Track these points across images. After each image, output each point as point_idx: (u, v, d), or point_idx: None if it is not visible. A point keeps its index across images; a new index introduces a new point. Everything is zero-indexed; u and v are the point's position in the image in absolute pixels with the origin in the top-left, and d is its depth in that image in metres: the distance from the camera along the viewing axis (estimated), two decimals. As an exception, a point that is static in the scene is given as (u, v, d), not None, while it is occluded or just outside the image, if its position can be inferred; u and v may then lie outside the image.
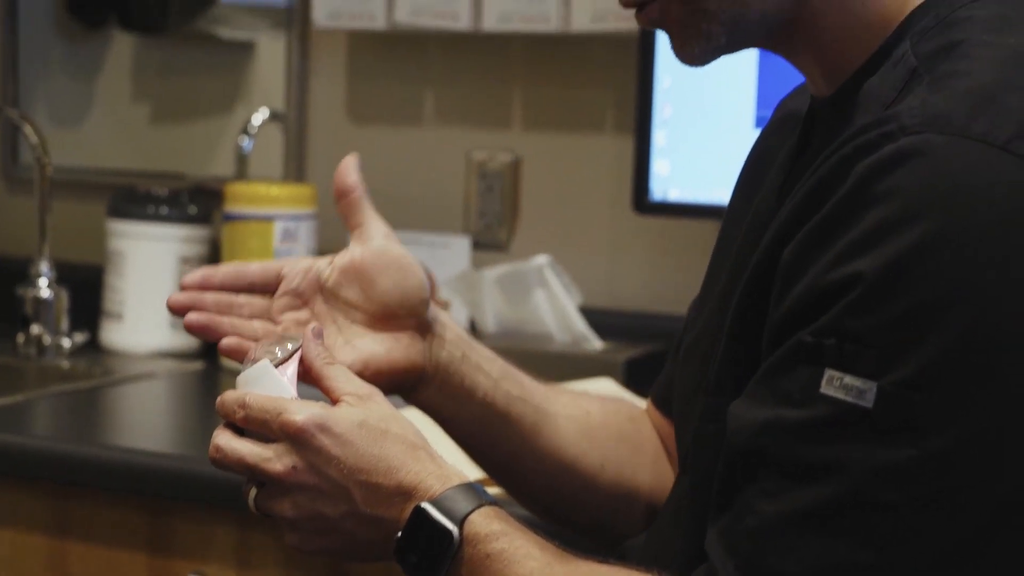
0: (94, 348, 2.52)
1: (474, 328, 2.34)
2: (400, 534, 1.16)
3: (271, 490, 1.19)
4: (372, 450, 1.17)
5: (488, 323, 2.30)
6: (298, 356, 1.23)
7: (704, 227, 2.23)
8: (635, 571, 1.14)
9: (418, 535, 1.16)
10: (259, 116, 2.56)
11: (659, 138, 2.18)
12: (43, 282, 2.48)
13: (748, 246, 1.18)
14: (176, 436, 2.16)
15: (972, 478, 0.98)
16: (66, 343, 2.48)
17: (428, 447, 1.20)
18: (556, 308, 2.27)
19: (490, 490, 1.22)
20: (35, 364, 2.46)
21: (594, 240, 2.44)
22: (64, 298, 2.48)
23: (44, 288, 2.47)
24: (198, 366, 2.43)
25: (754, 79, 2.10)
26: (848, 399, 1.00)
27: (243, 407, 1.19)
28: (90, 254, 2.63)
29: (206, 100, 2.73)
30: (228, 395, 1.20)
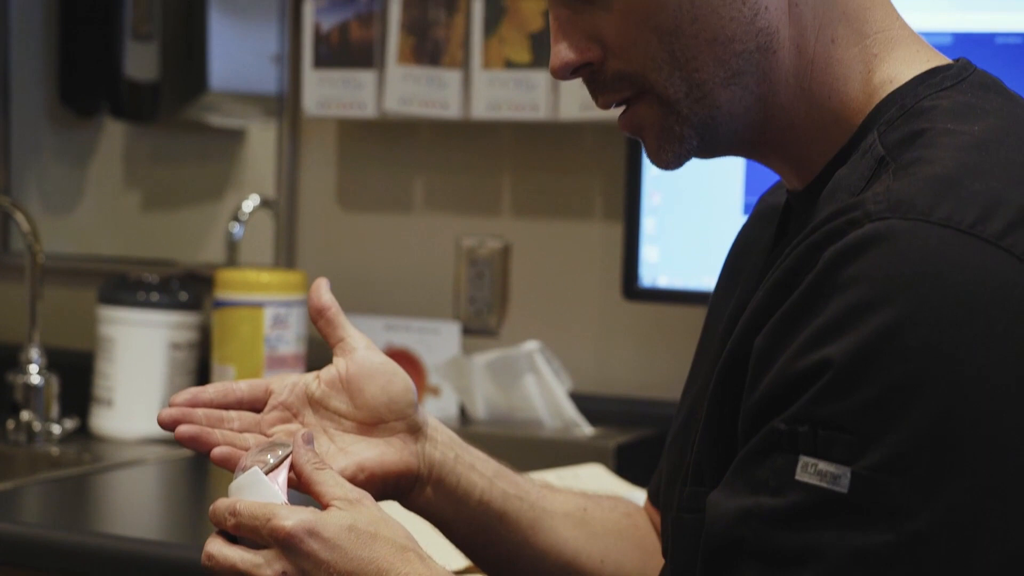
0: (84, 434, 2.52)
1: (464, 414, 2.35)
2: None
3: None
4: (362, 553, 1.17)
5: (478, 409, 2.31)
6: (288, 462, 1.24)
7: (693, 313, 2.24)
8: None
9: None
10: (250, 203, 2.57)
11: (648, 225, 2.19)
12: (33, 368, 2.48)
13: (726, 335, 1.19)
14: (166, 523, 2.15)
15: (950, 560, 0.99)
16: (56, 429, 2.48)
17: (418, 549, 1.20)
18: (546, 394, 2.28)
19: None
20: (25, 450, 2.45)
21: (584, 326, 2.44)
22: (54, 384, 2.49)
23: (34, 375, 2.48)
24: (188, 453, 2.43)
25: (742, 167, 2.12)
26: (823, 485, 1.01)
27: (234, 514, 1.19)
28: (80, 340, 2.64)
29: (197, 187, 2.74)
30: (219, 503, 1.21)
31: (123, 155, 2.79)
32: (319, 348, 2.55)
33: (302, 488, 1.23)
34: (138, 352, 2.50)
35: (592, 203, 2.44)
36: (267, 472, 1.22)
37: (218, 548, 1.20)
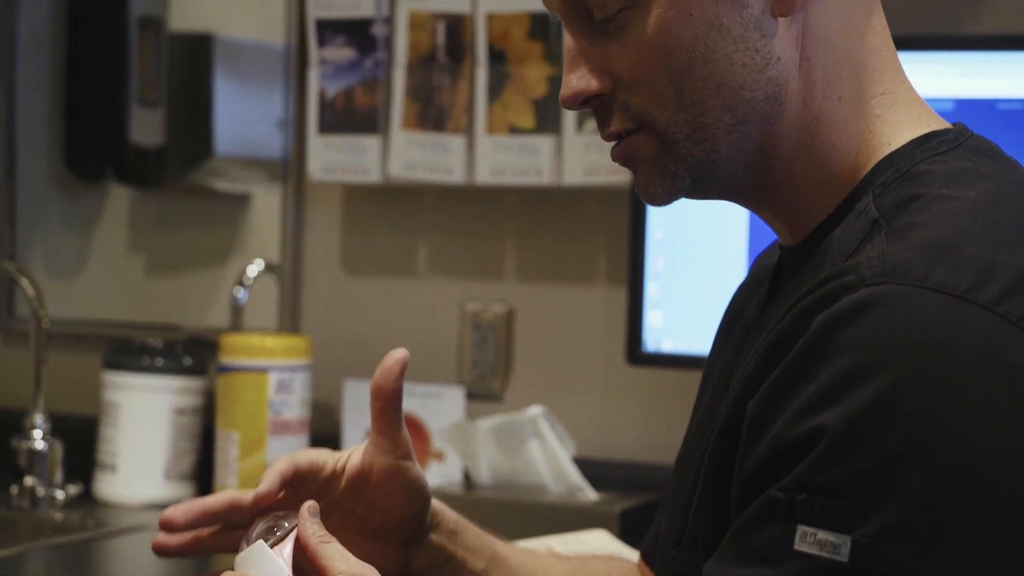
0: (88, 500, 2.51)
1: (468, 479, 2.34)
2: None
3: None
4: None
5: (482, 474, 2.30)
6: (294, 535, 1.23)
7: (697, 378, 2.23)
8: None
9: None
10: (254, 267, 2.58)
11: (652, 290, 2.20)
12: (37, 434, 2.47)
13: (718, 399, 1.19)
14: (169, 589, 2.15)
15: None
16: (60, 495, 2.47)
17: None
18: (550, 459, 2.27)
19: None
20: (29, 516, 2.45)
21: (588, 391, 2.44)
22: (58, 450, 2.48)
23: (38, 440, 2.47)
24: (192, 518, 2.42)
25: (745, 232, 2.12)
26: (823, 554, 1.00)
27: None
28: (85, 405, 2.64)
29: (202, 252, 2.75)
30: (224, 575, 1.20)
31: (128, 220, 2.80)
32: (323, 413, 2.55)
33: (307, 562, 1.23)
34: (142, 417, 2.49)
35: (596, 268, 2.44)
36: (272, 545, 1.22)
37: None
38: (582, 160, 2.34)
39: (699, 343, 2.17)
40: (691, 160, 1.15)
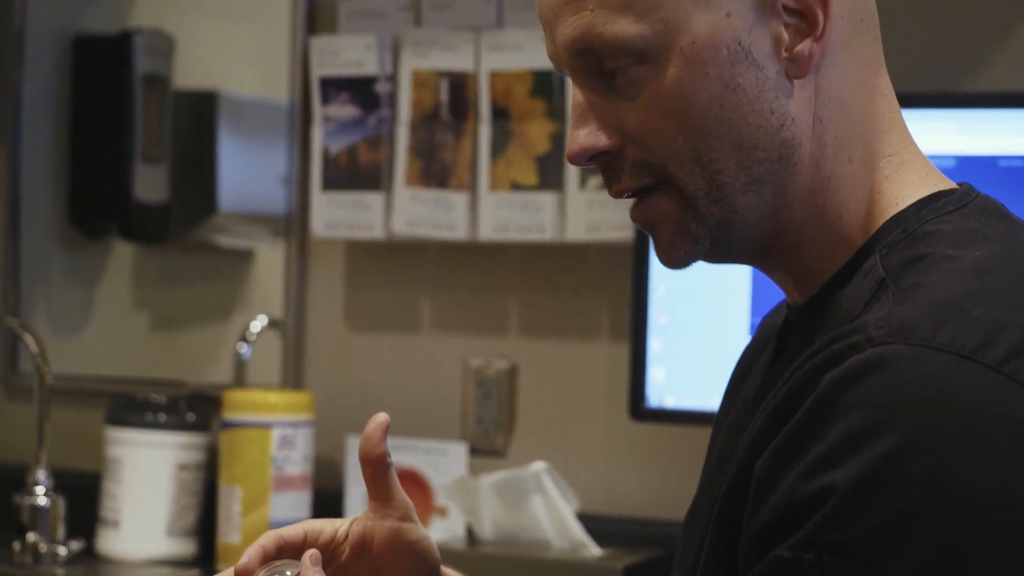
0: (90, 556, 2.51)
1: (471, 535, 2.34)
2: None
3: None
4: None
5: (485, 530, 2.30)
6: None
7: (701, 433, 2.23)
8: None
9: None
10: (258, 323, 2.58)
11: (655, 345, 2.20)
12: (40, 490, 2.47)
13: (726, 458, 1.19)
14: (172, 646, 2.14)
15: None
16: (62, 551, 2.46)
17: None
18: (554, 515, 2.27)
19: None
20: (31, 572, 2.44)
21: (591, 446, 2.44)
22: (60, 506, 2.48)
23: (41, 496, 2.47)
24: (194, 574, 2.42)
25: (748, 287, 2.13)
26: None
27: None
28: (88, 461, 2.64)
29: (205, 308, 2.75)
30: None
31: (132, 276, 2.81)
32: (326, 469, 2.54)
33: None
34: (145, 473, 2.49)
35: (599, 323, 2.44)
36: None
37: None
38: (585, 216, 2.35)
39: (702, 399, 2.17)
40: (711, 219, 1.15)
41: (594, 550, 2.26)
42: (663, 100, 1.13)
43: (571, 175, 2.37)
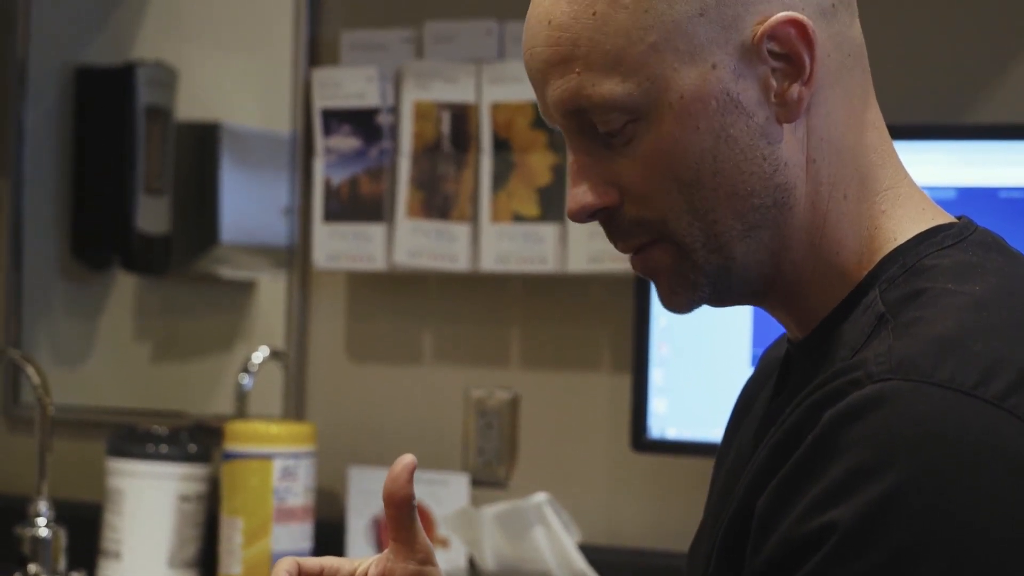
0: (91, 588, 2.51)
1: (473, 566, 2.33)
2: None
3: None
4: None
5: (487, 561, 2.30)
6: None
7: (702, 465, 2.24)
8: None
9: None
10: (259, 354, 2.58)
11: (656, 376, 2.20)
12: (41, 521, 2.47)
13: (727, 494, 1.19)
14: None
15: None
16: (63, 583, 2.46)
17: None
18: (555, 546, 2.27)
19: None
20: (32, 604, 2.44)
21: (593, 477, 2.44)
22: (62, 537, 2.47)
23: (42, 527, 2.47)
24: (196, 606, 2.42)
25: (749, 319, 2.13)
26: None
27: None
28: (89, 492, 2.64)
29: (207, 339, 2.75)
30: None
31: (133, 307, 2.81)
32: (327, 500, 2.54)
33: None
34: (146, 504, 2.49)
35: (600, 354, 2.45)
36: None
37: None
38: (586, 248, 2.35)
39: (704, 430, 2.18)
40: (708, 268, 1.16)
41: (596, 581, 2.26)
42: (656, 156, 1.14)
43: (572, 206, 2.37)
